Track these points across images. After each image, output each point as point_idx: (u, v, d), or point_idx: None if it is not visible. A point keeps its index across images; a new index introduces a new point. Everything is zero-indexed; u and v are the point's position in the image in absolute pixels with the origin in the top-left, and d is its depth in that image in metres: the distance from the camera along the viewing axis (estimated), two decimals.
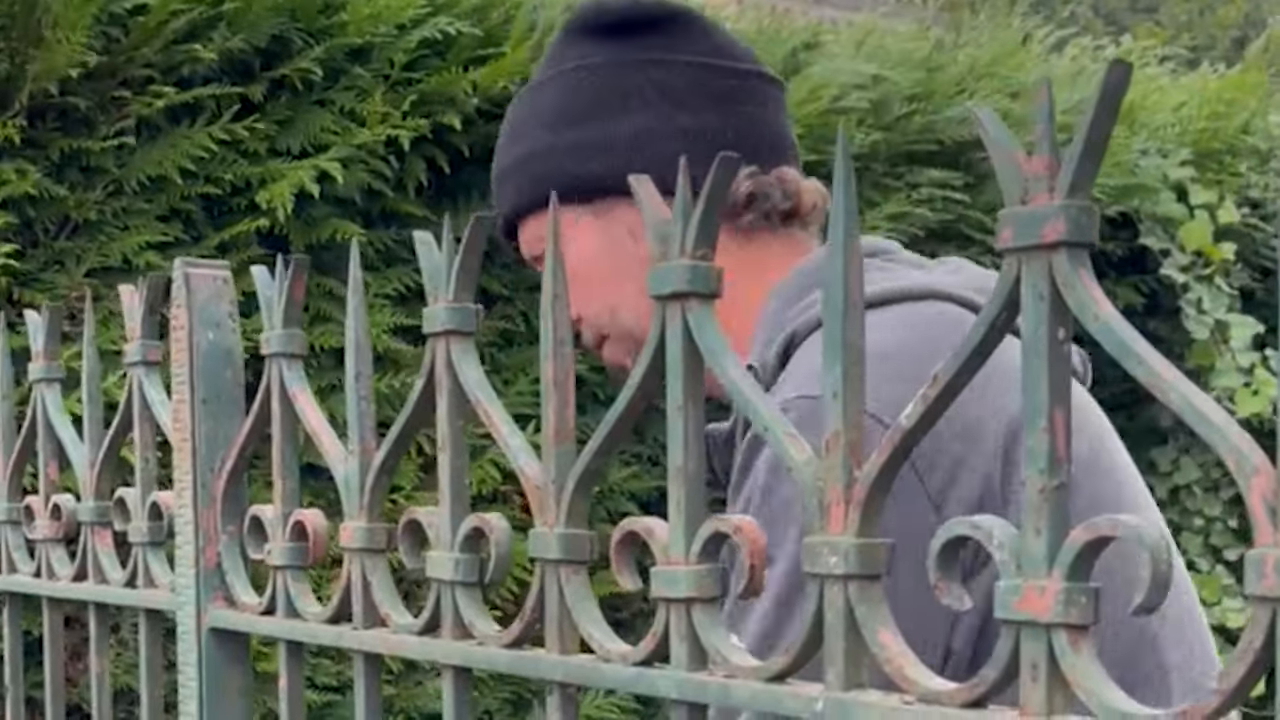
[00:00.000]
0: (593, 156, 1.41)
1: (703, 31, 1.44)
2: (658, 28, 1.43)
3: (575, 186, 1.40)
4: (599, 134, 1.41)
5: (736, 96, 1.42)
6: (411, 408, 1.05)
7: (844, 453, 0.72)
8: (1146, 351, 0.60)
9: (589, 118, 1.42)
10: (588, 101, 1.42)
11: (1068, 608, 0.62)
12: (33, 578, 1.67)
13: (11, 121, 2.17)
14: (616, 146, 1.40)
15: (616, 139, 1.40)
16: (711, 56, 1.42)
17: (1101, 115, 0.61)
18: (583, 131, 1.41)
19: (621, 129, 1.40)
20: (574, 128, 1.42)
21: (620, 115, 1.41)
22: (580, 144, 1.41)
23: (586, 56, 1.44)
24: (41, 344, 1.66)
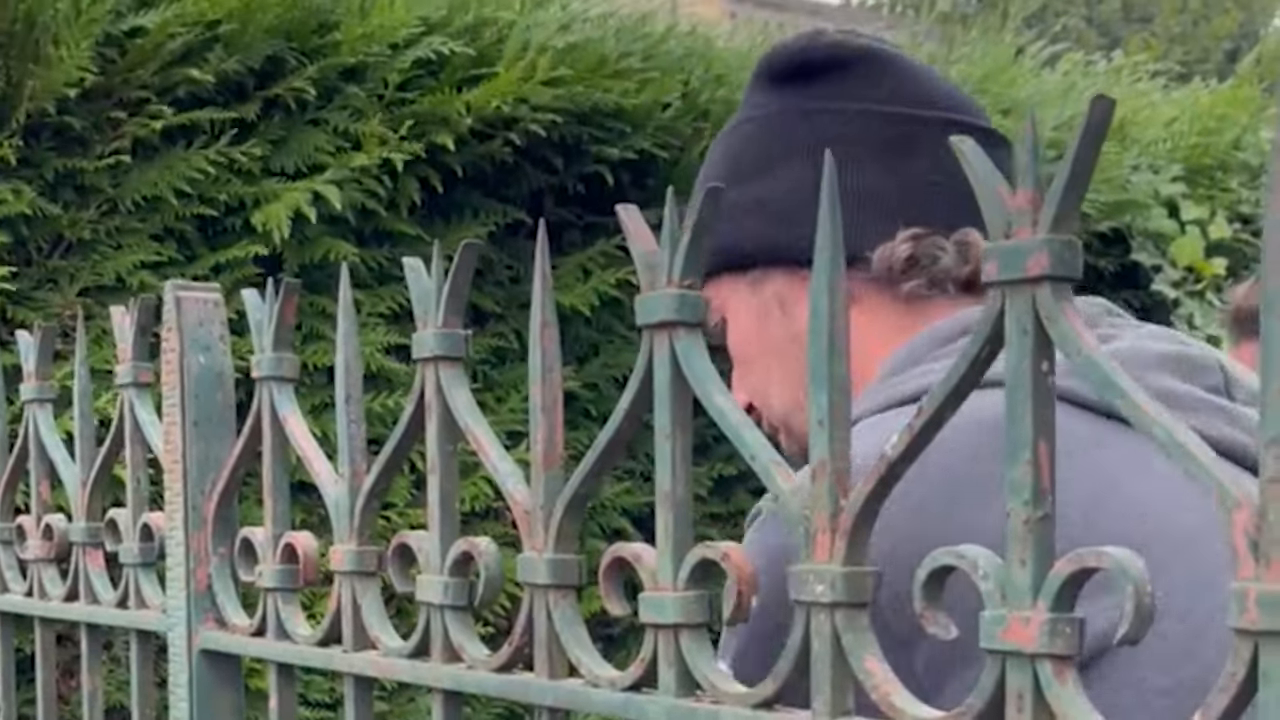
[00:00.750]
0: (745, 220, 1.29)
1: (888, 74, 1.30)
2: (837, 71, 1.30)
3: (731, 255, 1.30)
4: (754, 194, 1.29)
5: (913, 148, 1.27)
6: (401, 431, 1.05)
7: (830, 481, 0.72)
8: (1130, 386, 0.60)
9: (749, 176, 1.30)
10: (751, 158, 1.31)
11: (1053, 638, 0.62)
12: (25, 597, 1.67)
13: (7, 141, 2.18)
14: (769, 208, 1.28)
15: (770, 200, 1.29)
16: (891, 103, 1.29)
17: (1084, 150, 0.62)
18: (741, 192, 1.29)
19: (776, 188, 1.29)
20: (735, 188, 1.28)
21: (777, 172, 1.29)
22: (737, 206, 1.28)
23: (760, 106, 1.33)
24: (33, 364, 1.67)
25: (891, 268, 1.25)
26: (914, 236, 1.24)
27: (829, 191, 0.73)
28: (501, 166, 2.63)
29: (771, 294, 1.30)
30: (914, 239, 1.24)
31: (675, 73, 2.81)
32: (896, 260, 1.24)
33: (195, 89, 2.33)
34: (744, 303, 1.32)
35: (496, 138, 2.56)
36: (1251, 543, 0.55)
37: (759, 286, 1.31)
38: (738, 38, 3.56)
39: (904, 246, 1.24)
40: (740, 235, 1.30)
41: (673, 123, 2.79)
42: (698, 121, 2.86)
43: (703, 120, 2.88)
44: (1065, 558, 0.62)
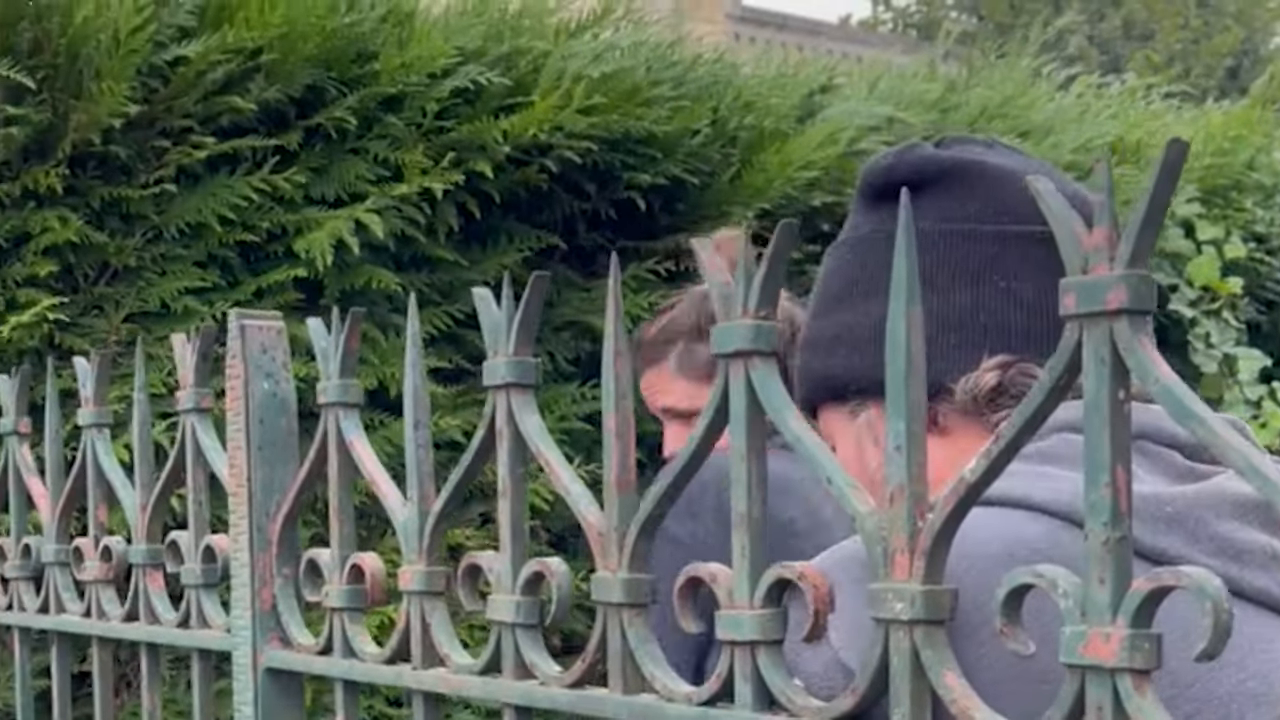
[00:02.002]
0: (837, 351, 1.27)
1: (975, 191, 1.25)
2: (924, 190, 1.24)
3: (825, 385, 1.28)
4: (844, 324, 1.26)
5: (998, 267, 1.22)
6: (471, 456, 1.08)
7: (909, 504, 0.75)
8: (1206, 414, 0.64)
9: (839, 305, 1.27)
10: (841, 283, 1.28)
11: (1132, 654, 0.65)
12: (83, 617, 1.70)
13: (54, 170, 2.22)
14: (859, 339, 1.24)
15: (857, 328, 1.24)
16: (976, 221, 1.24)
17: (1161, 188, 0.65)
18: (831, 321, 1.27)
19: (859, 319, 1.24)
20: (824, 316, 1.28)
21: (863, 300, 1.24)
22: (829, 334, 1.27)
23: (856, 229, 1.30)
24: (91, 390, 1.70)
25: (976, 398, 1.19)
26: (1001, 365, 1.19)
27: (906, 228, 0.77)
28: (536, 192, 2.66)
29: (865, 424, 1.26)
30: (1001, 367, 1.19)
31: (705, 100, 2.85)
32: (981, 390, 1.18)
33: (237, 118, 2.37)
34: (843, 430, 1.28)
35: (532, 164, 2.60)
36: None
37: (856, 415, 1.27)
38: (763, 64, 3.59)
39: (990, 375, 1.19)
40: (833, 364, 1.27)
41: (702, 149, 2.83)
42: (726, 148, 2.90)
43: (731, 146, 2.92)
44: (1144, 576, 0.65)
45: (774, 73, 3.20)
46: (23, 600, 1.87)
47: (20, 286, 2.22)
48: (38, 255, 2.22)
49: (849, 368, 1.25)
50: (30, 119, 2.18)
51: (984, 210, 1.24)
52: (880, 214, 1.27)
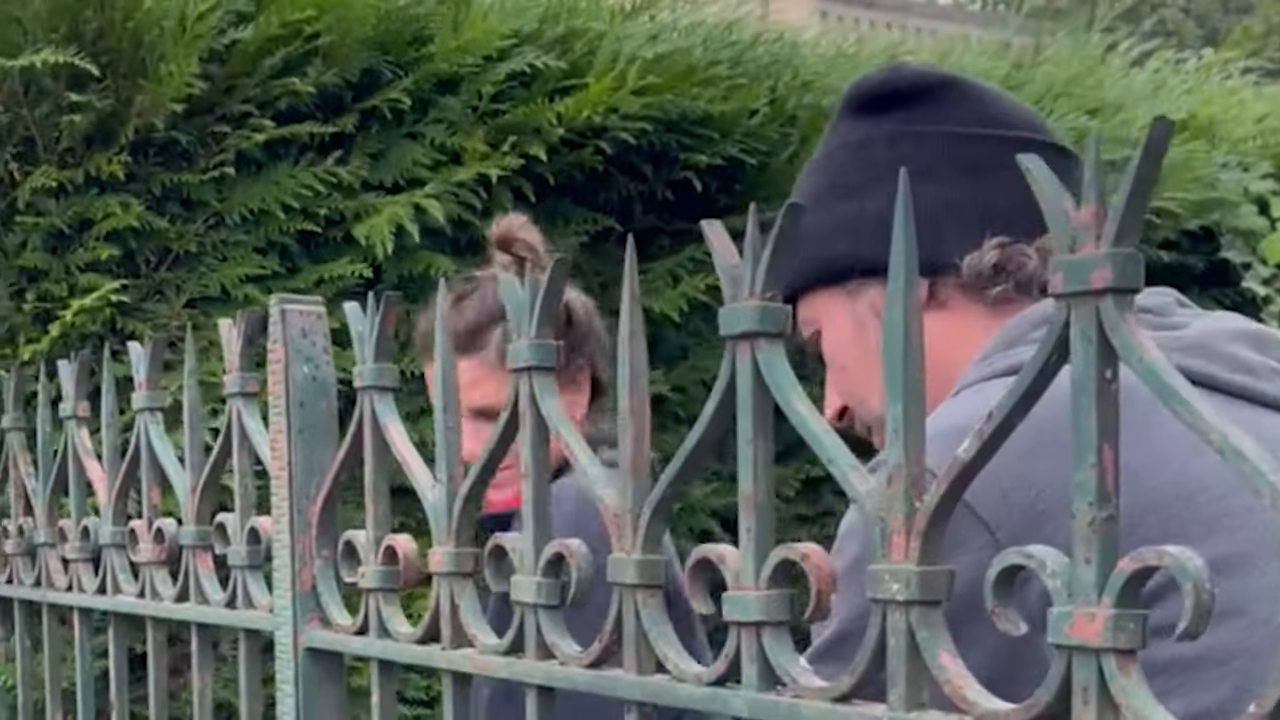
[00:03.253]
0: (840, 237, 1.39)
1: (965, 100, 1.40)
2: (917, 99, 1.39)
3: (827, 270, 1.39)
4: (847, 214, 1.38)
5: (994, 165, 1.35)
6: (496, 438, 1.10)
7: (906, 485, 0.75)
8: (1190, 394, 0.63)
9: (841, 198, 1.39)
10: (841, 182, 1.40)
11: (1117, 633, 0.65)
12: (137, 598, 1.74)
13: (116, 157, 2.26)
14: (863, 226, 1.37)
15: (863, 218, 1.37)
16: (972, 125, 1.38)
17: (1145, 168, 0.64)
18: (834, 214, 1.39)
19: (868, 207, 1.37)
20: (828, 209, 1.39)
21: (867, 194, 1.37)
22: (830, 226, 1.38)
23: (848, 134, 1.42)
24: (145, 374, 1.73)
25: (980, 274, 1.32)
26: (1000, 245, 1.31)
27: (903, 211, 0.77)
28: (592, 175, 2.67)
29: (867, 304, 1.38)
30: (1000, 247, 1.31)
31: (763, 80, 2.84)
32: (984, 266, 1.31)
33: (295, 102, 2.39)
34: (841, 312, 1.40)
35: (587, 147, 2.61)
36: None
37: (856, 297, 1.39)
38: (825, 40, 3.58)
39: (991, 254, 1.31)
40: (835, 252, 1.38)
41: (760, 129, 2.83)
42: (785, 127, 2.89)
43: (789, 126, 2.91)
44: (1128, 556, 0.65)
45: (833, 51, 3.19)
46: (82, 581, 1.91)
47: (83, 272, 2.26)
48: (100, 241, 2.26)
49: (853, 253, 1.37)
50: (93, 105, 2.22)
51: (983, 117, 1.38)
52: (873, 119, 1.40)
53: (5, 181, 2.27)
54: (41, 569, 2.06)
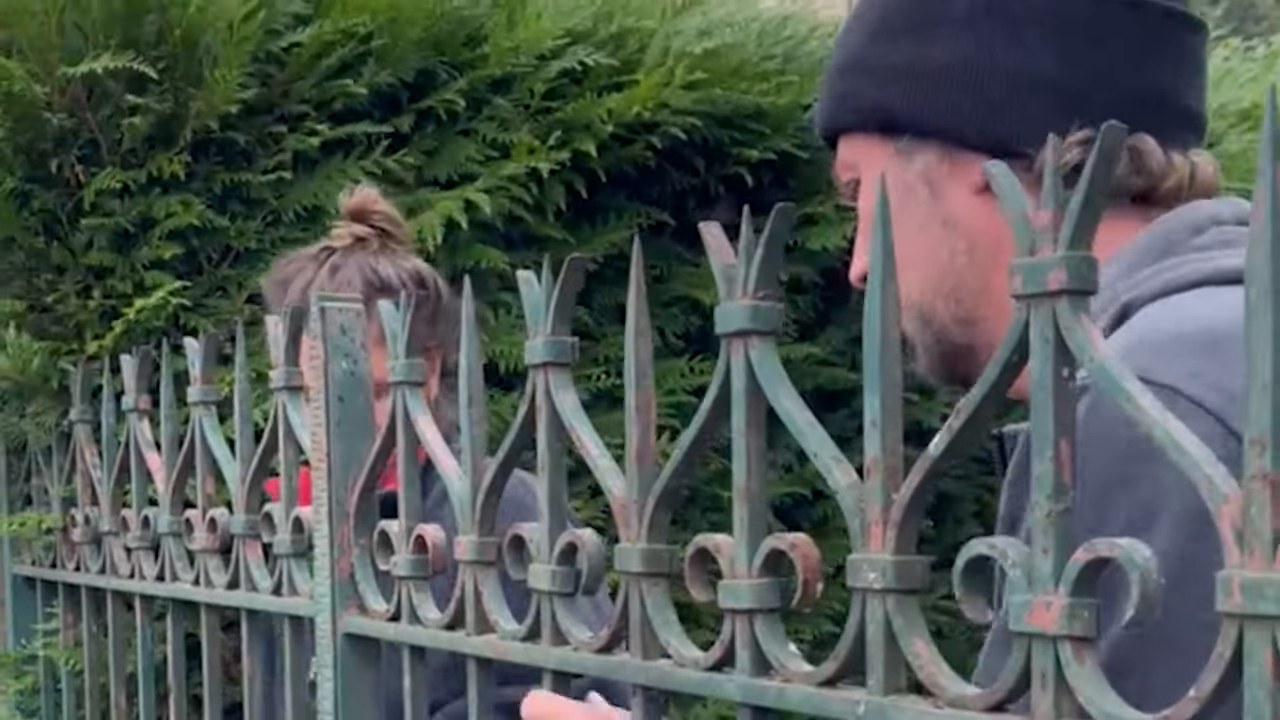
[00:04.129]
0: (894, 81, 1.17)
1: None
2: None
3: (874, 116, 1.18)
4: (908, 56, 1.16)
5: (1097, 33, 1.13)
6: (514, 432, 1.13)
7: (882, 477, 0.78)
8: (1136, 389, 0.66)
9: (904, 32, 1.17)
10: (906, 12, 1.17)
11: (1071, 621, 0.68)
12: (193, 585, 1.80)
13: (177, 157, 2.32)
14: (922, 75, 1.15)
15: (924, 66, 1.15)
16: None
17: (1098, 172, 0.67)
18: (893, 49, 1.17)
19: (933, 55, 1.15)
20: (886, 42, 1.18)
21: (935, 35, 1.15)
22: (887, 65, 1.17)
23: None
24: (199, 369, 1.79)
25: None
26: (1082, 142, 1.10)
27: (881, 202, 0.79)
28: (645, 170, 2.70)
29: (919, 170, 1.17)
30: (1083, 143, 1.10)
31: (815, 74, 2.85)
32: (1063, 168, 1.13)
33: (351, 102, 2.44)
34: (887, 169, 1.17)
35: (638, 142, 2.64)
36: (1237, 533, 0.60)
37: (906, 158, 1.18)
38: None
39: (1073, 151, 1.10)
40: (888, 97, 1.17)
41: (812, 124, 2.84)
42: None
43: None
44: (1082, 547, 0.67)
45: None
46: (143, 569, 1.98)
47: (147, 269, 2.32)
48: (163, 239, 2.32)
49: (911, 102, 1.16)
50: (153, 108, 2.28)
51: None
52: None
53: (71, 183, 2.34)
54: (106, 557, 2.13)
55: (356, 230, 1.98)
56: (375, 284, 1.91)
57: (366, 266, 1.93)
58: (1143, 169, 1.12)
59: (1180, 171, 1.12)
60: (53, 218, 2.35)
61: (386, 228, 2.00)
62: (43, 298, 2.37)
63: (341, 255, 1.95)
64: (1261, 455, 0.59)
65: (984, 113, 1.15)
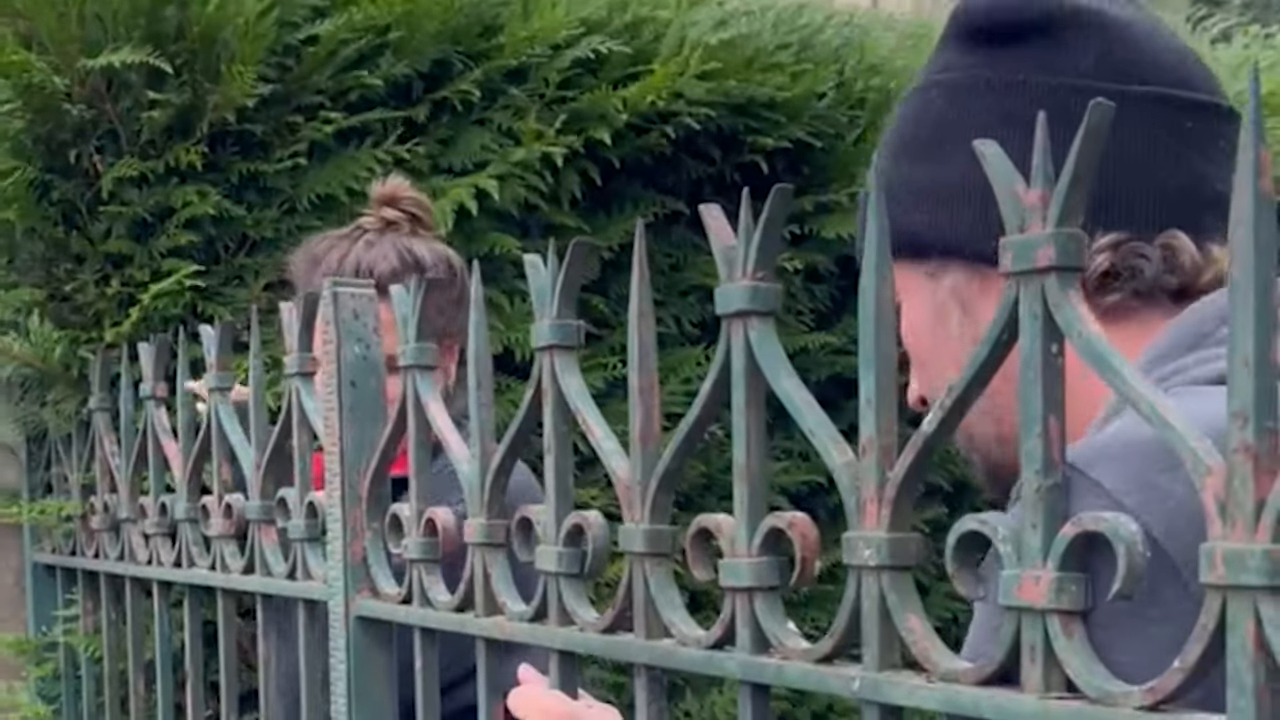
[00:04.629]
0: (916, 204, 1.15)
1: (1097, 40, 1.11)
2: (1037, 36, 1.12)
3: (901, 240, 1.10)
4: (930, 175, 1.14)
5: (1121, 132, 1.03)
6: (522, 415, 1.14)
7: (877, 456, 0.79)
8: (1121, 364, 0.66)
9: (924, 154, 1.16)
10: (928, 131, 1.16)
11: (1059, 595, 0.68)
12: (209, 570, 1.81)
13: (194, 148, 2.34)
14: (942, 195, 1.13)
15: (944, 184, 1.13)
16: (1095, 77, 1.10)
17: (1085, 150, 0.68)
18: (914, 170, 1.16)
19: (951, 171, 1.12)
20: (907, 165, 1.16)
21: (954, 152, 1.12)
22: (909, 186, 1.15)
23: (947, 69, 1.17)
24: (215, 355, 1.81)
25: (1086, 282, 1.06)
26: (1112, 244, 1.07)
27: (876, 187, 0.80)
28: (660, 158, 2.71)
29: (949, 290, 1.15)
30: (1113, 247, 1.07)
31: (830, 63, 2.86)
32: (1092, 275, 1.06)
33: (367, 92, 2.46)
34: (919, 294, 1.17)
35: (653, 131, 2.65)
36: (1220, 505, 0.61)
37: (936, 280, 1.16)
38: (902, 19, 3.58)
39: (1100, 258, 1.07)
40: (913, 221, 1.15)
41: (828, 112, 2.85)
42: (853, 110, 2.91)
43: (858, 108, 2.93)
44: (1070, 521, 0.68)
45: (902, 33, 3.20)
46: (160, 555, 2.00)
47: (165, 258, 2.34)
48: (180, 228, 2.34)
49: (934, 225, 1.14)
50: (171, 101, 2.30)
51: (1101, 66, 1.10)
52: (977, 56, 1.14)
53: (90, 173, 2.36)
54: (124, 544, 2.15)
55: (387, 214, 2.00)
56: (409, 262, 1.94)
57: (401, 245, 1.96)
58: (1176, 266, 1.08)
59: (1218, 264, 1.08)
60: (72, 207, 2.37)
61: (416, 212, 2.02)
62: (62, 286, 2.39)
63: (375, 235, 1.98)
64: (1244, 428, 0.60)
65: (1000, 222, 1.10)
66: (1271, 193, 0.60)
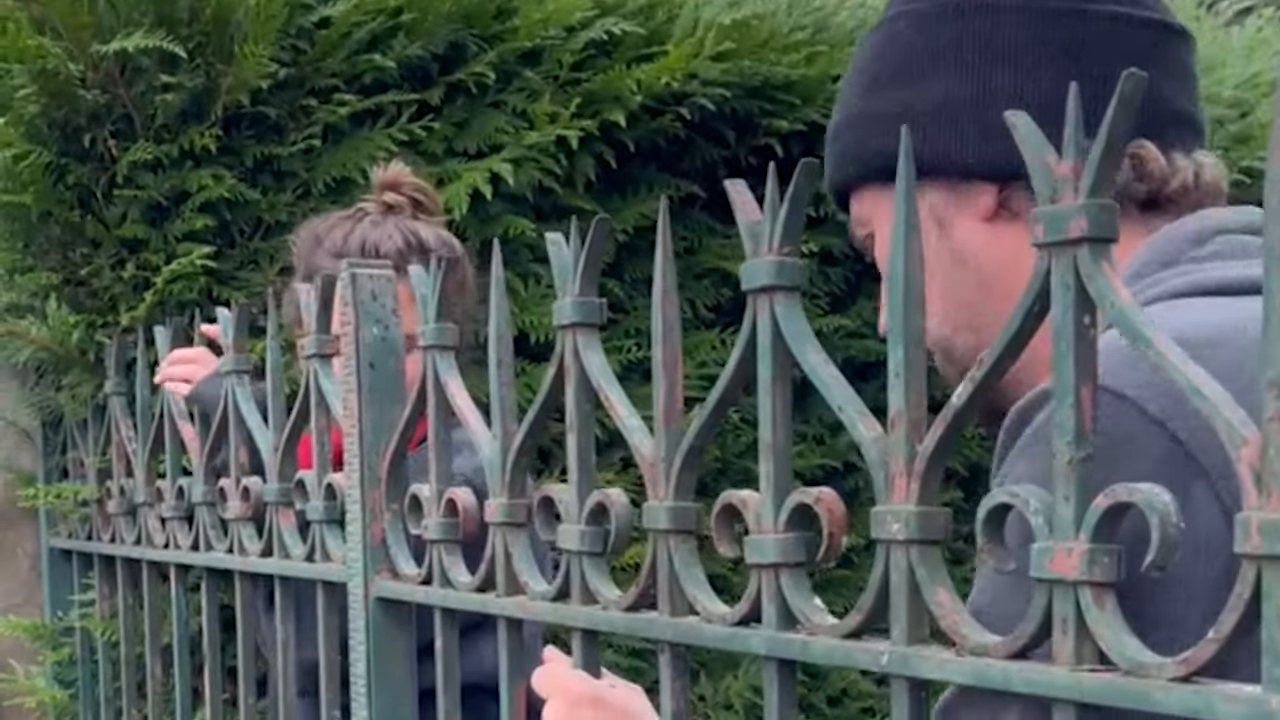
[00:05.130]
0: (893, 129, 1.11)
1: None
2: None
3: (878, 165, 1.21)
4: (904, 101, 1.20)
5: (1088, 50, 1.16)
6: (544, 394, 1.14)
7: (906, 430, 0.79)
8: (1155, 336, 0.66)
9: (895, 81, 1.21)
10: (898, 60, 1.21)
11: (1092, 567, 0.68)
12: (226, 554, 1.81)
13: (208, 131, 2.33)
14: (920, 115, 1.18)
15: (918, 108, 1.18)
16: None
17: (1118, 120, 0.67)
18: (887, 98, 1.21)
19: (929, 95, 1.19)
20: (880, 93, 1.22)
21: (926, 78, 1.19)
22: (883, 114, 1.21)
23: (911, 1, 1.22)
24: (232, 338, 1.81)
25: None
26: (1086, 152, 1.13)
27: (904, 165, 0.79)
28: (674, 141, 2.70)
29: (926, 210, 1.20)
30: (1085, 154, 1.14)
31: (845, 45, 2.85)
32: None
33: (381, 75, 2.45)
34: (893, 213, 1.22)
35: (667, 113, 2.64)
36: (1255, 475, 0.61)
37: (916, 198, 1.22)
38: None
39: None
40: (889, 145, 1.16)
41: None
42: None
43: None
44: (1103, 493, 0.68)
45: None
46: (177, 539, 2.00)
47: (180, 241, 2.34)
48: (195, 211, 2.33)
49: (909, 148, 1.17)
50: (185, 85, 2.30)
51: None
52: None
53: (105, 158, 2.35)
54: (141, 528, 2.15)
55: (389, 199, 2.00)
56: (414, 244, 1.93)
57: (405, 226, 1.96)
58: (1145, 174, 1.14)
59: (1183, 173, 1.15)
60: (87, 192, 2.37)
61: (418, 197, 2.02)
62: (78, 270, 2.39)
63: (378, 216, 1.98)
64: (1279, 398, 0.59)
65: (987, 138, 1.16)
66: None
